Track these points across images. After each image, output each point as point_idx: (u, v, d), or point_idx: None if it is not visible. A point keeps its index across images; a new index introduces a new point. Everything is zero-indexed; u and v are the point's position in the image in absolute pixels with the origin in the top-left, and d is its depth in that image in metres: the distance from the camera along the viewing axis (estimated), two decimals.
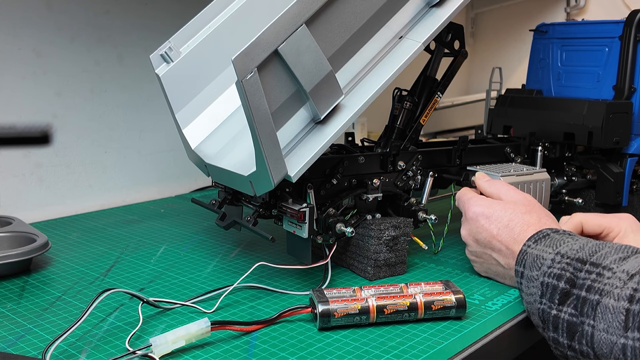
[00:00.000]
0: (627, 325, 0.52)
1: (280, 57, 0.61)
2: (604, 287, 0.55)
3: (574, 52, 1.00)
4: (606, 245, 0.60)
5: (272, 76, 0.61)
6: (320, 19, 0.64)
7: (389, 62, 0.71)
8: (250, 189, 0.67)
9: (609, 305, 0.54)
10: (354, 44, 0.69)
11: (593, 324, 0.55)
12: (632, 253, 0.58)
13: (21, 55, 0.99)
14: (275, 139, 0.61)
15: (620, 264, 0.57)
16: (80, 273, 0.77)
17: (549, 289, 0.59)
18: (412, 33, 0.73)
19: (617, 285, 0.55)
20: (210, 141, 0.78)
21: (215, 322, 0.58)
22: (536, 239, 0.65)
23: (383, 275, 0.74)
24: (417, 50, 0.71)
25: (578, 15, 1.59)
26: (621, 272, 0.55)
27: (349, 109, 0.67)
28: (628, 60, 0.92)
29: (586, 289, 0.57)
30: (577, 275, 0.58)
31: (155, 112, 1.17)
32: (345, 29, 0.67)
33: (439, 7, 0.75)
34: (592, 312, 0.55)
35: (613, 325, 0.53)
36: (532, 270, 0.62)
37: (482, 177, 0.79)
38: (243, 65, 0.57)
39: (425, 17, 0.75)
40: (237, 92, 0.59)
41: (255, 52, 0.58)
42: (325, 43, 0.65)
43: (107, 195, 1.13)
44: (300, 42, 0.61)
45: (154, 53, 0.77)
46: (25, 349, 0.58)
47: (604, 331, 0.54)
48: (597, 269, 0.57)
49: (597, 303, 0.55)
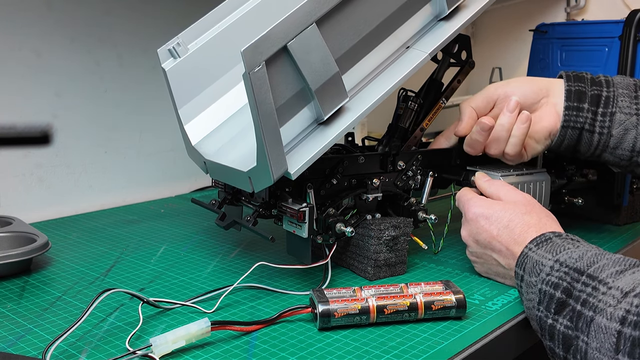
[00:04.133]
0: (618, 348, 0.51)
1: (289, 54, 0.61)
2: (598, 304, 0.54)
3: (574, 52, 1.00)
4: (605, 256, 0.59)
5: (279, 71, 0.62)
6: (331, 20, 0.64)
7: (394, 70, 0.72)
8: (248, 186, 0.67)
9: (601, 325, 0.53)
10: (362, 49, 0.70)
11: (587, 341, 0.54)
12: (629, 266, 0.57)
13: (21, 55, 0.99)
14: (277, 134, 0.61)
15: (616, 278, 0.56)
16: (80, 273, 0.77)
17: (546, 297, 0.59)
18: (419, 44, 0.74)
19: (611, 303, 0.54)
20: (211, 139, 0.78)
21: (215, 322, 0.58)
22: (538, 242, 0.65)
23: (383, 275, 0.74)
24: (423, 60, 0.72)
25: (578, 15, 1.59)
26: (615, 289, 0.55)
27: (353, 112, 0.68)
28: (628, 60, 0.92)
29: (582, 302, 0.56)
30: (574, 285, 0.57)
31: (155, 112, 1.17)
32: (355, 32, 0.68)
33: (447, 20, 0.76)
34: (586, 329, 0.55)
35: (605, 346, 0.52)
36: (532, 276, 0.62)
37: (482, 177, 0.79)
38: (252, 58, 0.58)
39: (433, 30, 0.76)
40: (244, 85, 0.60)
41: (265, 45, 0.59)
42: (334, 44, 0.65)
43: (107, 195, 1.13)
44: (310, 41, 0.62)
45: (161, 47, 0.77)
46: (25, 349, 0.58)
47: (596, 350, 0.53)
48: (593, 282, 0.56)
49: (590, 320, 0.54)
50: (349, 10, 0.66)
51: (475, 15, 0.76)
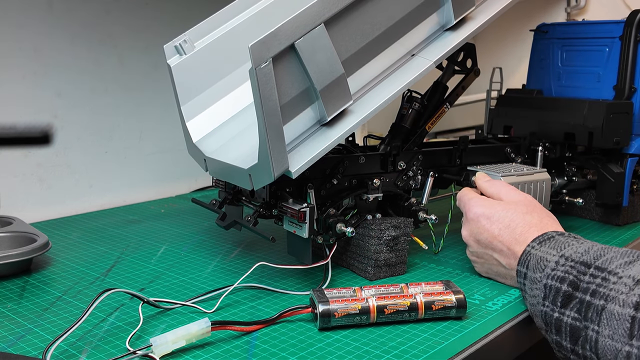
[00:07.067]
0: (632, 333, 0.52)
1: (296, 52, 0.62)
2: (610, 293, 0.55)
3: (574, 52, 1.00)
4: (612, 250, 0.60)
5: (285, 69, 0.62)
6: (339, 23, 0.65)
7: (398, 76, 0.72)
8: (248, 183, 0.67)
9: (614, 312, 0.53)
10: (368, 53, 0.70)
11: (597, 330, 0.54)
12: (637, 258, 0.58)
13: (22, 55, 0.99)
14: (280, 132, 0.61)
15: (625, 268, 0.56)
16: (80, 273, 0.77)
17: (552, 292, 0.59)
18: (424, 52, 0.75)
19: (623, 291, 0.54)
20: (212, 137, 0.78)
21: (215, 322, 0.58)
22: (540, 241, 0.65)
23: (383, 275, 0.74)
24: (428, 68, 0.73)
25: (578, 15, 1.59)
26: (627, 278, 0.55)
27: (356, 115, 0.68)
28: (628, 60, 0.92)
29: (591, 293, 0.56)
30: (581, 278, 0.58)
31: (155, 112, 1.17)
32: (361, 36, 0.68)
33: (453, 30, 0.76)
34: (596, 318, 0.55)
35: (618, 332, 0.53)
36: (536, 272, 0.62)
37: (483, 177, 0.79)
38: (259, 54, 0.58)
39: (439, 39, 0.76)
40: (249, 83, 0.60)
41: (273, 42, 0.59)
42: (341, 46, 0.66)
43: (107, 195, 1.13)
44: (317, 41, 0.63)
45: (167, 44, 0.77)
46: (25, 349, 0.58)
47: (608, 337, 0.53)
48: (602, 274, 0.57)
49: (602, 308, 0.55)
50: (356, 14, 0.67)
51: (482, 27, 0.77)
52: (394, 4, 0.70)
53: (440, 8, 0.75)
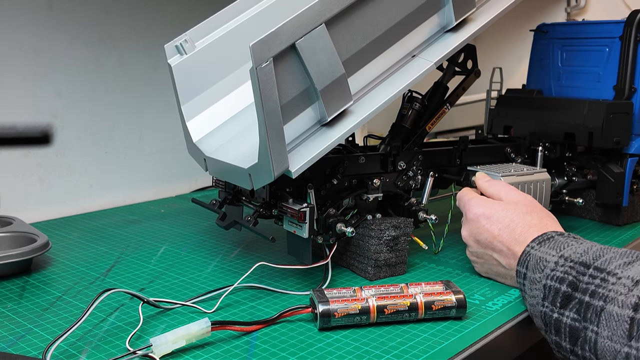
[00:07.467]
0: (631, 334, 0.52)
1: (297, 52, 0.62)
2: (609, 294, 0.55)
3: (574, 52, 1.00)
4: (611, 250, 0.60)
5: (286, 69, 0.62)
6: (339, 23, 0.65)
7: (399, 77, 0.73)
8: (248, 183, 0.67)
9: (613, 313, 0.53)
10: (368, 53, 0.70)
11: (597, 331, 0.54)
12: (637, 258, 0.58)
13: (22, 55, 0.99)
14: (281, 131, 0.61)
15: (625, 269, 0.56)
16: (80, 273, 0.77)
17: (551, 292, 0.59)
18: (425, 53, 0.75)
19: (622, 292, 0.54)
20: (212, 137, 0.78)
21: (215, 322, 0.58)
22: (540, 241, 0.65)
23: (383, 275, 0.74)
24: (428, 69, 0.73)
25: (578, 15, 1.59)
26: (626, 279, 0.55)
27: (356, 115, 0.68)
28: (628, 60, 0.92)
29: (590, 294, 0.56)
30: (580, 279, 0.58)
31: (155, 112, 1.17)
32: (362, 37, 0.68)
33: (454, 32, 0.76)
34: (595, 319, 0.55)
35: (617, 333, 0.52)
36: (535, 272, 0.62)
37: (483, 177, 0.79)
38: (260, 53, 0.58)
39: (439, 40, 0.76)
40: (249, 83, 0.60)
41: (274, 42, 0.59)
42: (341, 47, 0.66)
43: (107, 195, 1.13)
44: (318, 41, 0.63)
45: (168, 43, 0.77)
46: (25, 349, 0.58)
47: (607, 338, 0.53)
48: (601, 274, 0.57)
49: (601, 309, 0.54)
50: (358, 15, 0.67)
51: (482, 28, 0.77)
52: (395, 5, 0.70)
53: (441, 9, 0.75)
